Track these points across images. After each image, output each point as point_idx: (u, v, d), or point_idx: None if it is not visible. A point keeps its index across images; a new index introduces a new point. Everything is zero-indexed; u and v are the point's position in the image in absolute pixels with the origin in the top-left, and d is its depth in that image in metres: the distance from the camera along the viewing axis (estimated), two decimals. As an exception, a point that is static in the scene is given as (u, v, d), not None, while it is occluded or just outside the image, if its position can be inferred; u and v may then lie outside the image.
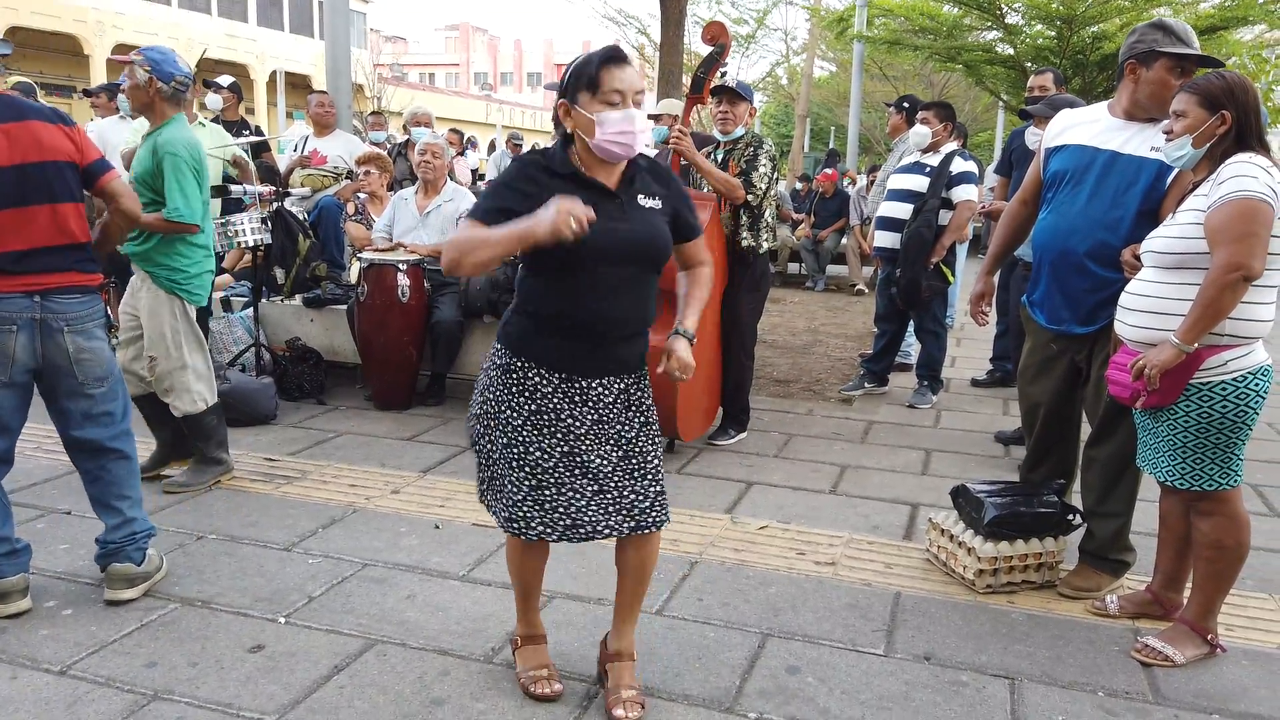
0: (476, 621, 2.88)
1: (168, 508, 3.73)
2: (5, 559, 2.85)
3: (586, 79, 2.22)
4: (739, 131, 4.61)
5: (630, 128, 2.20)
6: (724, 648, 2.76)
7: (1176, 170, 2.87)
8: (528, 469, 2.30)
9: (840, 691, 2.56)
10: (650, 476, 2.39)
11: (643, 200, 2.34)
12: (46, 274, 2.79)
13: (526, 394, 2.31)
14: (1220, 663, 2.75)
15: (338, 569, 3.22)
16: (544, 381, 2.31)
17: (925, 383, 5.79)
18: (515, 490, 2.31)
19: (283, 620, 2.86)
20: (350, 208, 6.18)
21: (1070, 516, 3.22)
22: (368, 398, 5.41)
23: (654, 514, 2.37)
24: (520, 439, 2.30)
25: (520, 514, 2.31)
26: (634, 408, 2.39)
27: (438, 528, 3.60)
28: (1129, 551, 3.19)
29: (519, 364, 2.31)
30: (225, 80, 7.08)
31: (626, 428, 2.37)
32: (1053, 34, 13.37)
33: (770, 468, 4.46)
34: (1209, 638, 2.76)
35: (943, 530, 3.32)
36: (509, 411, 2.31)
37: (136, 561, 2.97)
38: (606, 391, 2.34)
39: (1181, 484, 2.70)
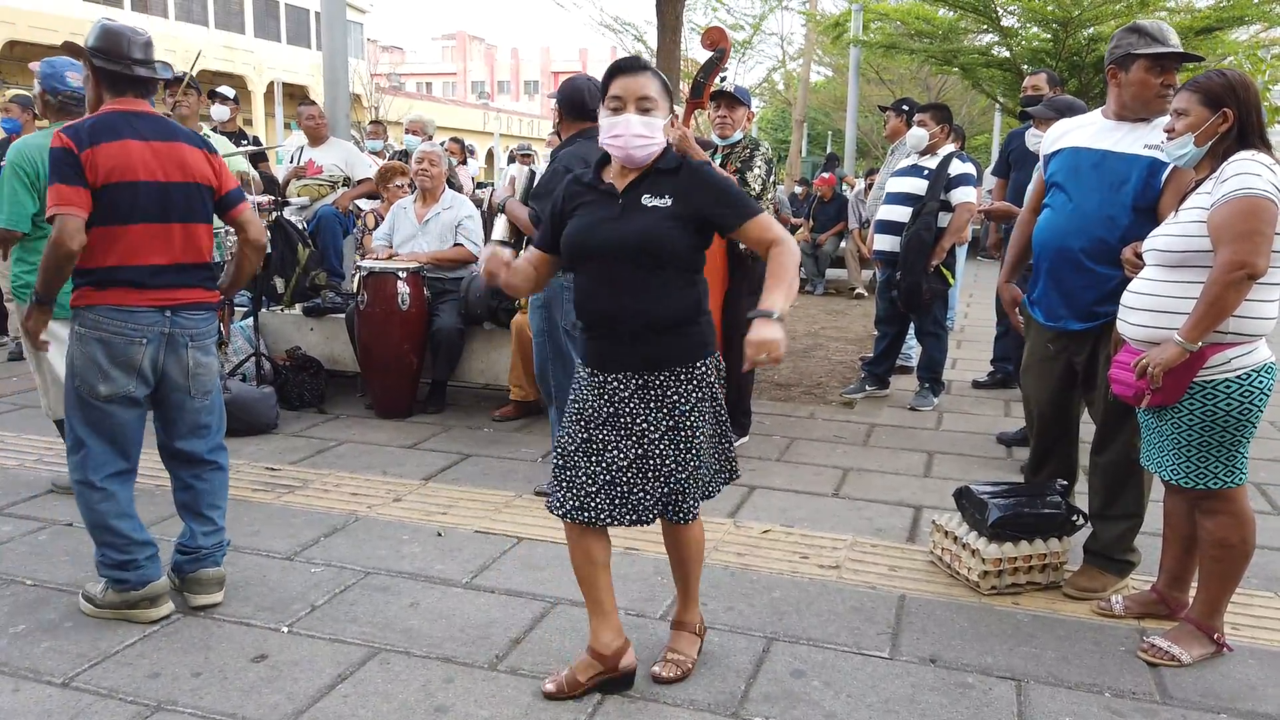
0: (480, 629, 2.87)
1: (169, 518, 3.71)
2: (152, 562, 2.92)
3: (604, 88, 2.43)
4: (737, 136, 4.62)
5: (620, 130, 2.35)
6: (729, 652, 2.75)
7: (1171, 166, 2.88)
8: (559, 449, 2.51)
9: (846, 695, 2.54)
10: (669, 479, 2.44)
11: (646, 200, 2.40)
12: (177, 289, 2.87)
13: (575, 385, 2.55)
14: (1227, 662, 2.73)
15: (340, 577, 3.21)
16: (582, 375, 2.53)
17: (927, 385, 5.78)
18: (555, 473, 2.52)
19: (285, 629, 2.85)
20: (370, 220, 6.17)
21: (1074, 517, 3.21)
22: (368, 406, 5.41)
23: (659, 510, 2.46)
24: (566, 428, 2.52)
25: (552, 489, 2.51)
26: (663, 409, 2.41)
27: (440, 535, 3.59)
28: (1134, 551, 3.18)
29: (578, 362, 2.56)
30: (229, 91, 7.11)
31: (650, 427, 2.42)
32: (1048, 36, 13.40)
33: (772, 471, 4.46)
34: (1215, 637, 2.75)
35: (946, 532, 3.31)
36: (570, 398, 2.55)
37: (221, 566, 3.05)
38: (623, 386, 2.42)
39: (1186, 482, 2.70)
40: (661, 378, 2.41)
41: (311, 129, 6.67)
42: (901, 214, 5.56)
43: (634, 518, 2.43)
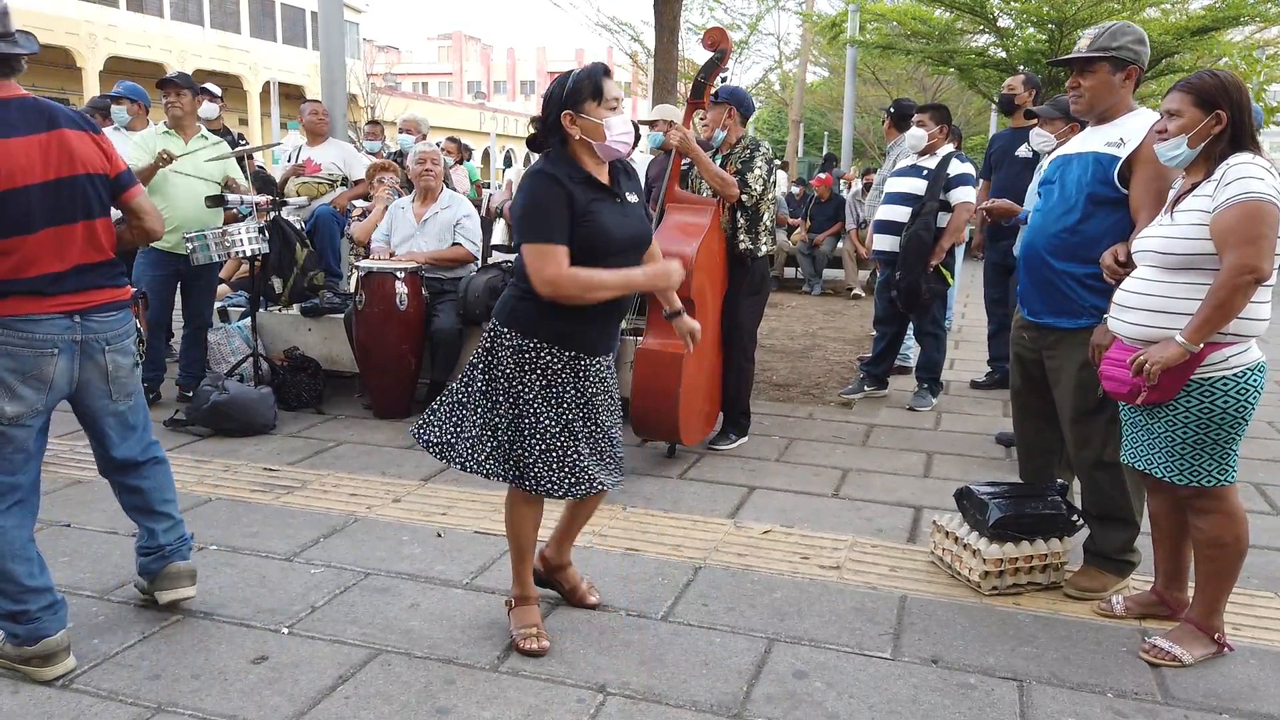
0: (481, 629, 2.86)
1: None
2: (48, 613, 2.58)
3: (591, 89, 2.53)
4: (720, 135, 4.60)
5: (628, 128, 2.59)
6: (730, 653, 2.75)
7: (1122, 160, 2.95)
8: (538, 435, 2.62)
9: (848, 696, 2.54)
10: (618, 446, 2.82)
11: (630, 197, 2.70)
12: (84, 292, 2.61)
13: (538, 371, 2.61)
14: (1228, 662, 2.74)
15: (340, 578, 3.20)
16: (554, 359, 2.61)
17: (925, 385, 5.79)
18: (526, 454, 2.63)
19: (286, 631, 2.84)
20: (357, 209, 6.16)
21: (1074, 517, 3.22)
22: (366, 406, 5.39)
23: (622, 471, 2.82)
24: (530, 410, 2.61)
25: (532, 474, 2.63)
26: (610, 390, 2.77)
27: (440, 535, 3.59)
28: (1134, 552, 3.19)
29: (530, 344, 2.60)
30: (215, 89, 7.09)
31: (610, 399, 2.75)
32: (1044, 37, 13.41)
33: (772, 472, 4.45)
34: (1215, 637, 2.76)
35: (947, 533, 3.31)
36: (519, 386, 2.61)
37: (189, 559, 2.94)
38: (603, 367, 2.72)
39: (1180, 480, 2.70)
40: (612, 357, 2.81)
41: (314, 124, 6.66)
42: (900, 214, 5.56)
43: (617, 479, 2.80)
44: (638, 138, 6.79)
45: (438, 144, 8.03)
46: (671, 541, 3.56)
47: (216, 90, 7.07)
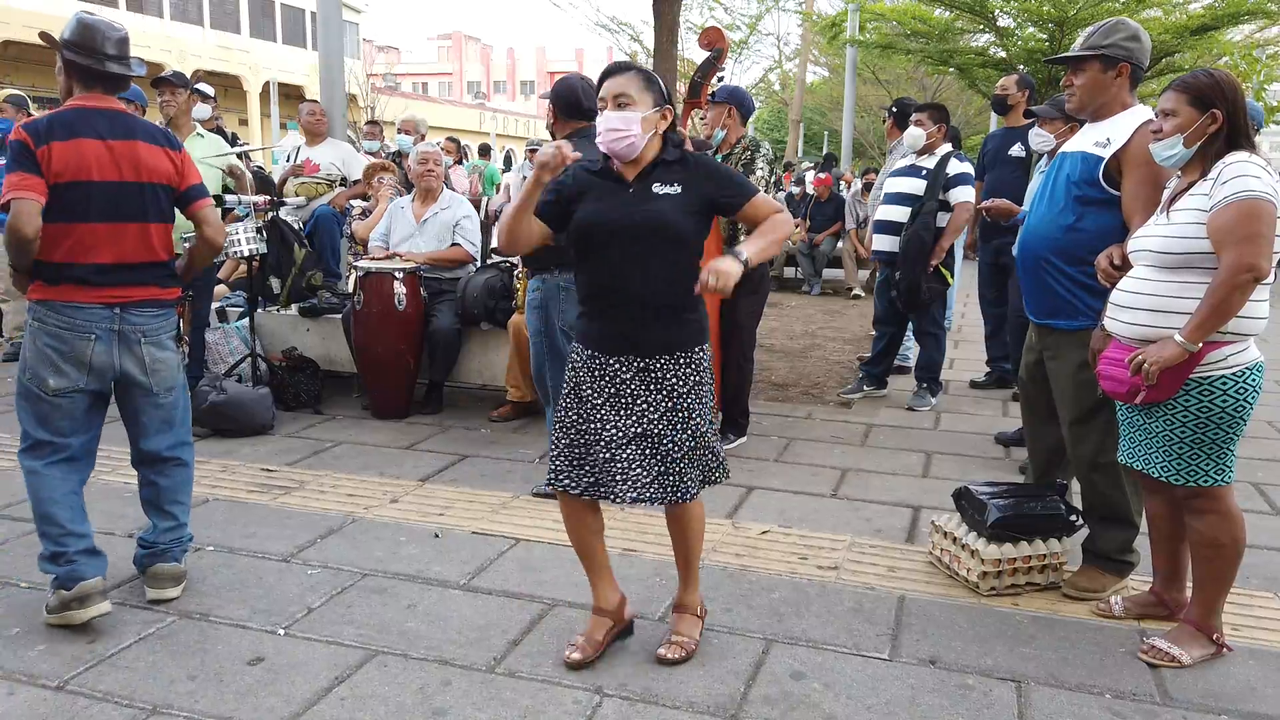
0: (478, 631, 2.85)
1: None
2: (85, 556, 2.85)
3: (600, 90, 2.60)
4: (719, 135, 4.60)
5: (607, 125, 2.53)
6: (728, 654, 2.74)
7: (1107, 158, 2.94)
8: (563, 428, 2.63)
9: (846, 697, 2.53)
10: (665, 457, 2.56)
11: (657, 188, 2.56)
12: (127, 287, 2.87)
13: (570, 366, 2.64)
14: (1227, 662, 2.73)
15: (337, 579, 3.19)
16: (577, 356, 2.62)
17: (924, 385, 5.78)
18: (554, 446, 2.65)
19: (282, 632, 2.83)
20: (357, 209, 6.15)
21: (1073, 517, 3.21)
22: (365, 407, 5.39)
23: (656, 490, 2.55)
24: (563, 404, 2.64)
25: (555, 465, 2.63)
26: (662, 390, 2.55)
27: (437, 536, 3.58)
28: (1133, 552, 3.18)
29: (572, 340, 2.66)
30: (208, 89, 7.07)
31: (650, 407, 2.55)
32: (1044, 37, 13.41)
33: (770, 472, 4.45)
34: (1214, 637, 2.75)
35: (945, 533, 3.30)
36: (567, 383, 2.65)
37: (180, 562, 3.05)
38: (625, 368, 2.56)
39: (1177, 479, 2.69)
40: (661, 362, 2.55)
41: (312, 125, 6.66)
42: (900, 214, 5.55)
43: (634, 494, 2.54)
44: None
45: (437, 144, 8.03)
46: (669, 542, 3.54)
47: (209, 90, 7.05)
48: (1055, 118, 4.55)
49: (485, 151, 14.20)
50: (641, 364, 2.54)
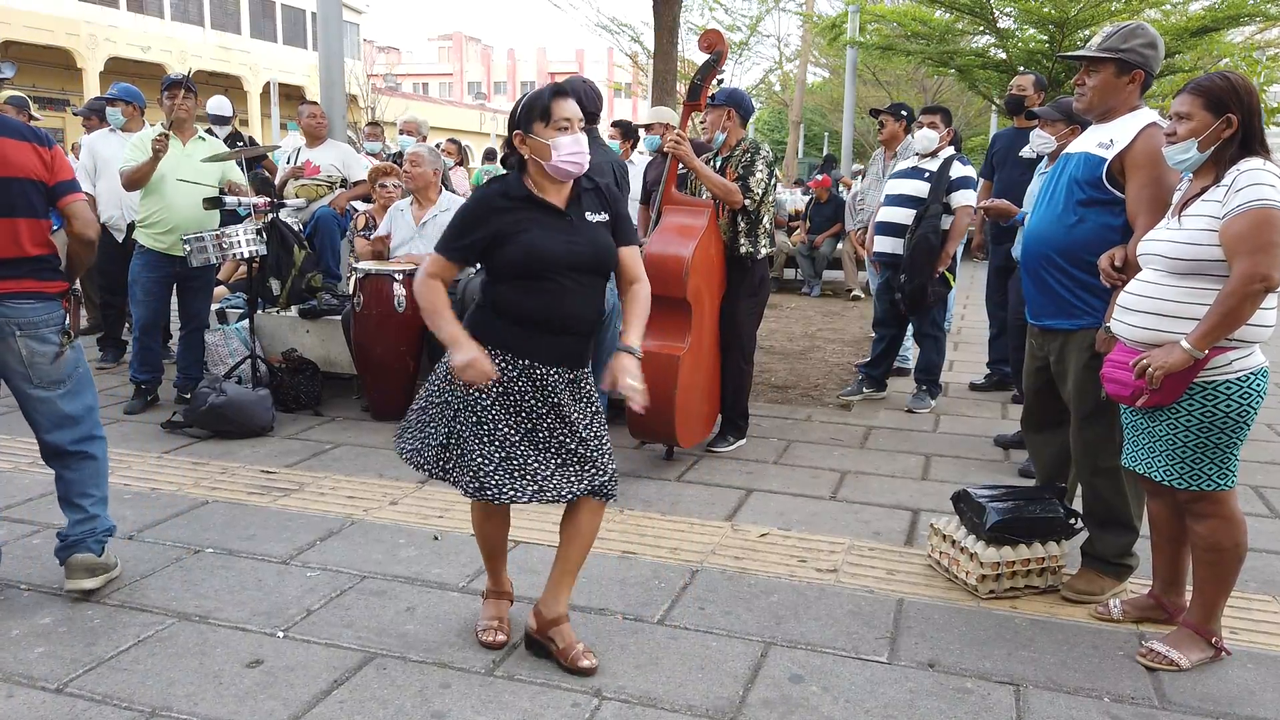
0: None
1: (163, 522, 3.70)
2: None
3: (540, 110, 2.57)
4: (720, 138, 4.60)
5: (580, 148, 2.57)
6: (726, 657, 2.75)
7: (1109, 160, 2.94)
8: (497, 443, 2.59)
9: (844, 700, 2.54)
10: (599, 456, 2.67)
11: (590, 216, 2.65)
12: (1, 281, 2.89)
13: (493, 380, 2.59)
14: (1225, 666, 2.73)
15: (336, 581, 3.19)
16: (509, 366, 2.60)
17: (924, 387, 5.78)
18: (487, 462, 2.58)
19: (281, 634, 2.83)
20: (360, 221, 6.15)
21: (1072, 520, 3.21)
22: (365, 408, 5.39)
23: (609, 486, 2.68)
24: (489, 417, 2.59)
25: (492, 482, 2.58)
26: (583, 400, 2.70)
27: (436, 539, 3.58)
28: (1131, 555, 3.18)
29: (486, 351, 2.57)
30: (226, 109, 7.12)
31: (579, 414, 2.67)
32: (1045, 38, 13.40)
33: (770, 474, 4.45)
34: (1213, 641, 2.75)
35: (944, 536, 3.31)
36: (478, 393, 2.59)
37: (96, 553, 3.08)
38: (559, 379, 2.64)
39: (1180, 484, 2.69)
40: (583, 373, 2.70)
41: (312, 127, 6.66)
42: (902, 215, 5.55)
43: (591, 487, 2.65)
44: (636, 141, 6.80)
45: (438, 145, 8.03)
46: (669, 544, 3.55)
47: (227, 112, 7.14)
48: (1057, 119, 4.55)
49: (491, 156, 14.20)
50: (571, 375, 2.66)
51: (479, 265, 2.73)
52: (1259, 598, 3.18)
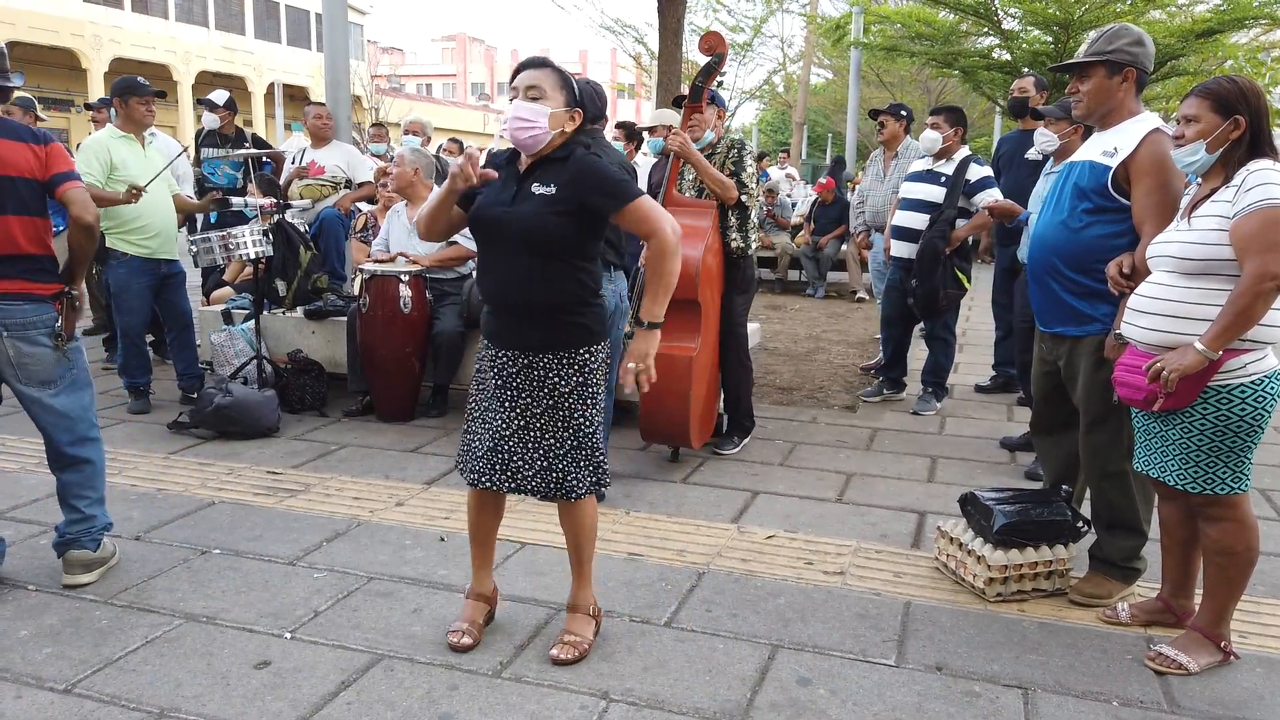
0: (484, 635, 2.85)
1: (170, 522, 3.70)
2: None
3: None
4: (708, 136, 4.59)
5: (514, 114, 2.54)
6: (733, 659, 2.74)
7: (1114, 167, 2.94)
8: (468, 420, 2.73)
9: (852, 703, 2.53)
10: (548, 453, 2.63)
11: (535, 188, 2.56)
12: None
13: (477, 356, 2.73)
14: (1234, 670, 2.72)
15: (343, 583, 3.19)
16: (481, 344, 2.71)
17: (930, 389, 5.77)
18: (463, 441, 2.76)
19: (288, 635, 2.83)
20: (360, 221, 6.15)
21: (1080, 524, 3.20)
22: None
23: (538, 484, 2.64)
24: (473, 400, 2.73)
25: (459, 455, 2.75)
26: (545, 388, 2.61)
27: (443, 540, 3.58)
28: (1140, 559, 3.17)
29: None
30: (220, 98, 7.08)
31: (533, 402, 2.62)
32: (1049, 39, 13.39)
33: (776, 476, 4.44)
34: (1222, 645, 2.74)
35: (952, 539, 3.30)
36: (479, 379, 2.73)
37: (92, 550, 3.16)
38: (511, 363, 2.62)
39: (1193, 488, 2.68)
40: (545, 359, 2.59)
41: (318, 129, 6.66)
42: (918, 220, 5.46)
43: (513, 485, 2.65)
44: (640, 143, 6.79)
45: (440, 145, 8.03)
46: (675, 546, 3.55)
47: (219, 99, 7.06)
48: (1060, 118, 4.54)
49: None
50: (525, 360, 2.60)
51: None
52: (1268, 602, 3.17)
